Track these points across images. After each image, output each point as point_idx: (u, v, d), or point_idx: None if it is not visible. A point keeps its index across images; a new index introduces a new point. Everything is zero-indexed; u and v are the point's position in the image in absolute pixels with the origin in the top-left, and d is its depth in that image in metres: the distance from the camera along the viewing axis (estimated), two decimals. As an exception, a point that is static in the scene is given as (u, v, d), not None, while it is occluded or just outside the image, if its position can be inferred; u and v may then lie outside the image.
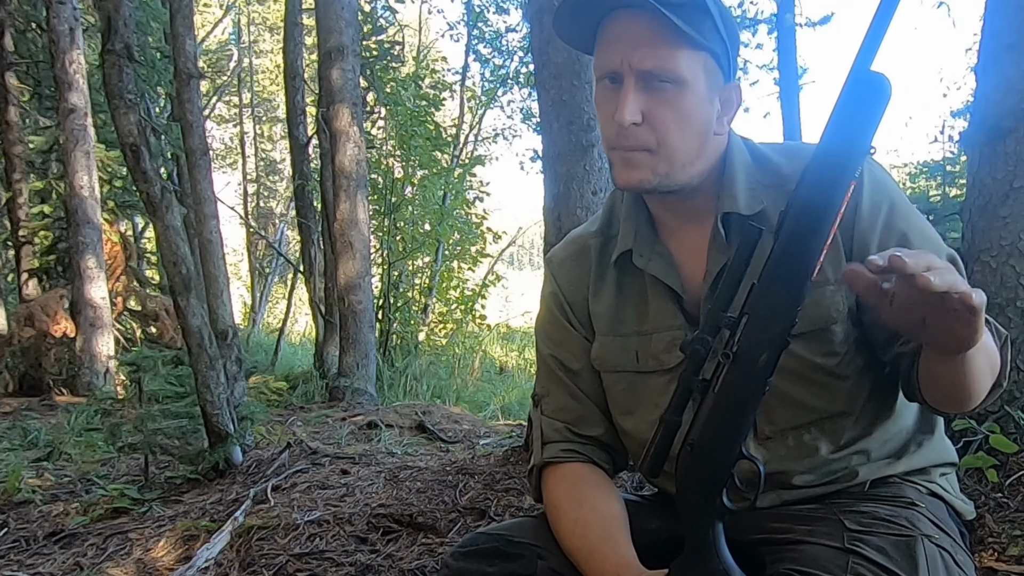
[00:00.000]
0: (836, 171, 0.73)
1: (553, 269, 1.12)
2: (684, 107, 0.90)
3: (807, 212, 0.74)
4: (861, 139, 0.73)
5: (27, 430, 4.63)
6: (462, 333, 9.65)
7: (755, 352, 0.76)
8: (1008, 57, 2.00)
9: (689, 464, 0.82)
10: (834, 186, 0.73)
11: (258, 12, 17.75)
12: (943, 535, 0.89)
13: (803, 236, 0.74)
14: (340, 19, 5.92)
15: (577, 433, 1.06)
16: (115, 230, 7.58)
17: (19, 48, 7.51)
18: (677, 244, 1.01)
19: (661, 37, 0.88)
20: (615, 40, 0.91)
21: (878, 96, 0.72)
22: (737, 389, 0.78)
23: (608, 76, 0.92)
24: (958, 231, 2.38)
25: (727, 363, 0.77)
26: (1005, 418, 1.95)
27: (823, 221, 0.73)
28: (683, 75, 0.89)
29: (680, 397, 0.83)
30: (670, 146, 0.91)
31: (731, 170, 0.97)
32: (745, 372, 0.77)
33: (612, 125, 0.92)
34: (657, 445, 0.85)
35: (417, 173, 8.59)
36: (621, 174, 0.94)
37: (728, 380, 0.78)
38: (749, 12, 7.88)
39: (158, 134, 7.40)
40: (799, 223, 0.74)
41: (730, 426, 0.79)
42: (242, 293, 15.48)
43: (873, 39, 0.71)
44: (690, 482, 0.82)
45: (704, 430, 0.80)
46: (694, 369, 0.81)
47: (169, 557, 2.31)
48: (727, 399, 0.78)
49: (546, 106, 2.92)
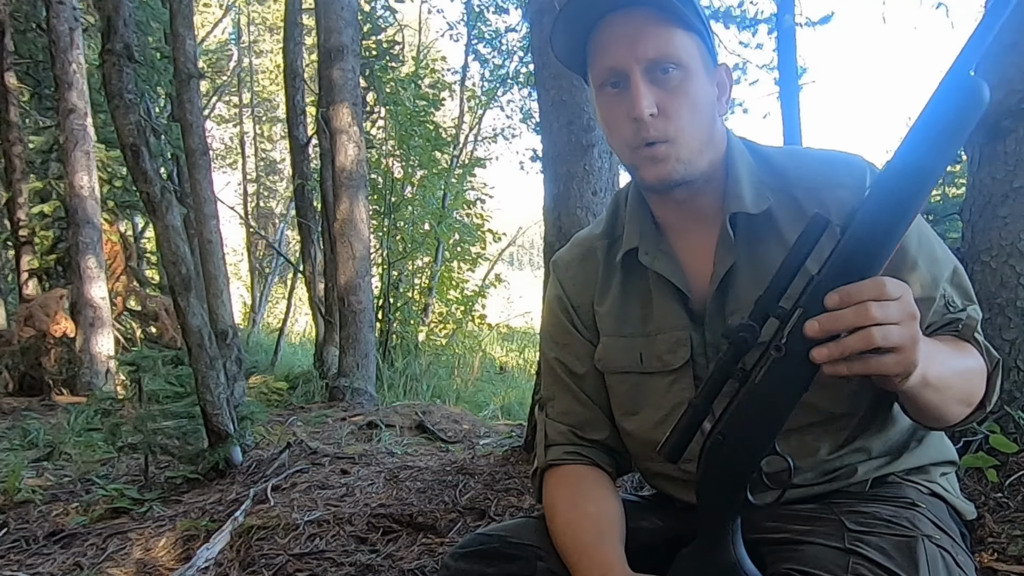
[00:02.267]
0: (919, 178, 0.72)
1: (559, 272, 1.12)
2: (692, 92, 0.92)
3: (884, 216, 0.72)
4: (950, 148, 0.71)
5: (27, 430, 4.63)
6: (462, 333, 9.65)
7: (806, 349, 0.74)
8: (1008, 57, 2.00)
9: (718, 454, 0.80)
10: (914, 194, 0.72)
11: (258, 12, 17.75)
12: (944, 536, 0.89)
13: (876, 240, 0.73)
14: (340, 19, 5.92)
15: (581, 436, 1.06)
16: (115, 230, 7.59)
17: (19, 48, 7.51)
18: (682, 245, 1.01)
19: (656, 25, 0.90)
20: (612, 41, 0.92)
21: (975, 104, 0.70)
22: (782, 384, 0.76)
23: (611, 81, 0.93)
24: (958, 231, 2.38)
25: (776, 355, 0.75)
26: (1005, 418, 1.95)
27: (897, 227, 0.72)
28: (684, 58, 0.91)
29: (715, 384, 0.80)
30: (686, 132, 0.92)
31: (734, 169, 0.97)
32: (793, 367, 0.75)
33: (628, 125, 0.92)
34: (682, 429, 0.82)
35: (417, 173, 8.59)
36: (649, 171, 0.94)
37: (773, 373, 0.76)
38: (749, 12, 7.87)
39: (158, 134, 7.40)
40: (874, 226, 0.72)
41: (767, 421, 0.77)
42: (242, 293, 15.49)
43: (978, 42, 0.69)
44: (717, 473, 0.81)
45: (739, 422, 0.79)
46: (735, 357, 0.78)
47: (169, 557, 2.31)
48: (769, 393, 0.76)
49: (546, 106, 2.92)
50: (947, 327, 0.92)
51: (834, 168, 0.95)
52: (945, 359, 0.84)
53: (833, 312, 0.72)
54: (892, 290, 0.71)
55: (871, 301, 0.71)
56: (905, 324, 0.72)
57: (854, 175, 0.93)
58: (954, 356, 0.87)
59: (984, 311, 1.97)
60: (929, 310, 0.91)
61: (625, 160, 0.97)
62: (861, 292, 0.71)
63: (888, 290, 0.71)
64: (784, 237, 0.94)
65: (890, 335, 0.71)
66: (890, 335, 0.71)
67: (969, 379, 0.87)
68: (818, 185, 0.94)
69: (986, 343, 0.91)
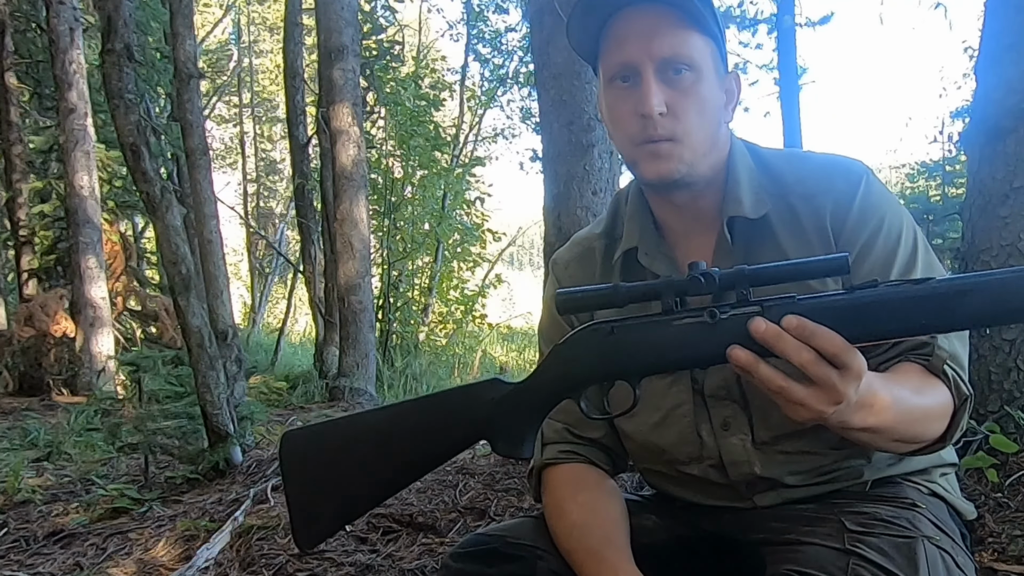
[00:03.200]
0: (962, 309, 0.71)
1: (557, 271, 1.12)
2: (702, 94, 0.91)
3: (896, 314, 0.71)
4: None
5: (27, 430, 4.63)
6: (462, 333, 9.65)
7: (733, 338, 0.74)
8: (1008, 57, 2.00)
9: (602, 345, 0.83)
10: (943, 321, 0.72)
11: (258, 12, 17.75)
12: (944, 536, 0.89)
13: (872, 321, 0.72)
14: (340, 19, 5.92)
15: (578, 435, 1.06)
16: (115, 230, 7.59)
17: (19, 48, 7.51)
18: (681, 247, 1.01)
19: (673, 25, 0.90)
20: (627, 36, 0.91)
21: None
22: (689, 343, 0.77)
23: (621, 75, 0.93)
24: (958, 231, 2.38)
25: (708, 320, 0.76)
26: (1005, 418, 1.95)
27: (904, 331, 0.73)
28: (698, 61, 0.91)
29: (647, 289, 0.81)
30: (692, 134, 0.91)
31: (735, 173, 0.97)
32: (708, 341, 0.75)
33: (635, 120, 0.92)
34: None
35: (417, 173, 8.59)
36: (650, 167, 0.93)
37: (690, 329, 0.77)
38: (749, 12, 7.87)
39: (158, 134, 7.40)
40: (884, 312, 0.71)
41: (647, 352, 0.79)
42: (242, 293, 15.48)
43: None
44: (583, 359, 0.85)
45: (632, 334, 0.81)
46: (679, 288, 0.78)
47: (169, 557, 2.31)
48: (675, 341, 0.78)
49: (546, 106, 2.92)
50: (917, 351, 0.87)
51: (831, 174, 0.94)
52: (887, 407, 0.78)
53: (782, 331, 0.71)
54: (849, 361, 0.70)
55: (818, 354, 0.70)
56: (828, 394, 0.71)
57: (850, 181, 0.93)
58: (904, 400, 0.81)
59: (984, 311, 1.97)
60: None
61: (627, 156, 0.97)
62: (819, 338, 0.70)
63: (845, 359, 0.70)
64: (779, 243, 0.93)
65: (796, 393, 0.71)
66: (796, 393, 0.71)
67: (918, 421, 0.83)
68: (814, 192, 0.94)
69: (958, 378, 0.86)
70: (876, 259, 0.90)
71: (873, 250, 0.91)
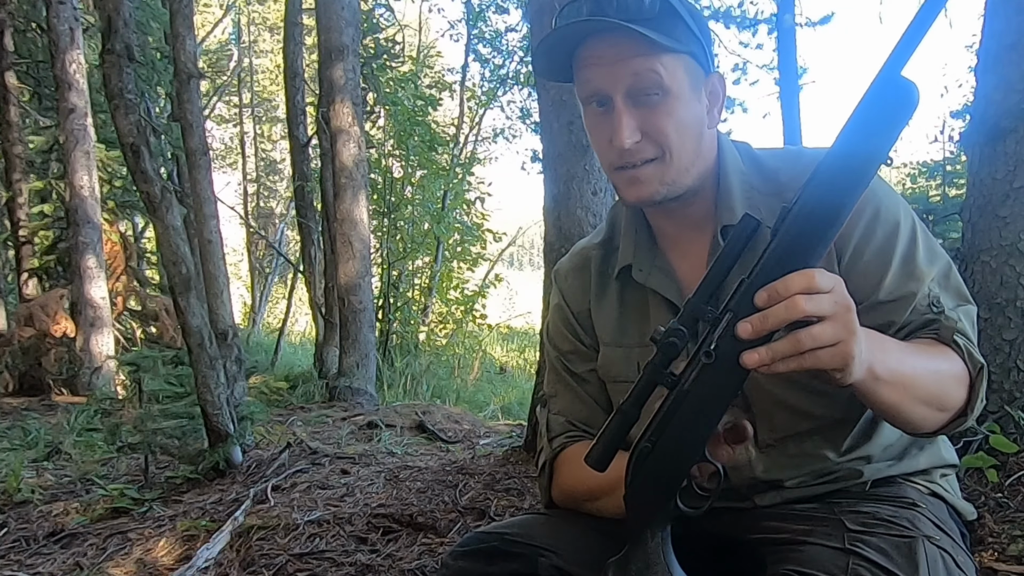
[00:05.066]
0: (850, 175, 0.70)
1: (559, 282, 1.13)
2: (677, 112, 0.90)
3: (814, 214, 0.71)
4: (881, 145, 0.70)
5: (27, 430, 4.63)
6: (462, 333, 9.65)
7: (737, 353, 0.71)
8: (1008, 57, 2.00)
9: (646, 463, 0.78)
10: (846, 190, 0.70)
11: (258, 12, 17.75)
12: (944, 536, 0.89)
13: (806, 238, 0.71)
14: (340, 19, 5.92)
15: (583, 429, 1.07)
16: (115, 230, 7.58)
17: (19, 48, 7.50)
18: (678, 255, 1.01)
19: (640, 51, 0.88)
20: (595, 63, 0.91)
21: (905, 103, 0.69)
22: (711, 390, 0.74)
23: (595, 100, 0.93)
24: (958, 231, 2.38)
25: (706, 361, 0.73)
26: (1005, 418, 1.95)
27: (830, 226, 0.71)
28: (668, 84, 0.89)
29: (643, 390, 0.77)
30: (672, 152, 0.91)
31: (725, 180, 0.97)
32: (723, 374, 0.73)
33: (611, 149, 0.92)
34: (610, 436, 0.79)
35: (417, 173, 8.59)
36: (629, 192, 0.94)
37: (703, 380, 0.74)
38: (749, 12, 7.88)
39: (158, 134, 7.40)
40: (804, 224, 0.71)
41: (697, 428, 0.75)
42: (242, 293, 15.49)
43: (909, 43, 0.68)
44: (645, 482, 0.79)
45: (668, 429, 0.76)
46: (664, 362, 0.76)
47: (169, 557, 2.31)
48: (699, 400, 0.74)
49: (546, 106, 2.92)
50: (926, 328, 0.89)
51: None
52: (903, 356, 0.81)
53: (763, 311, 0.70)
54: (822, 282, 0.69)
55: (801, 295, 0.69)
56: (838, 316, 0.70)
57: None
58: (918, 355, 0.84)
59: (984, 311, 1.97)
60: (905, 309, 0.90)
61: (609, 178, 0.98)
62: (789, 286, 0.69)
63: (818, 282, 0.69)
64: None
65: (821, 335, 0.69)
66: (821, 335, 0.69)
67: (938, 381, 0.84)
68: None
69: (969, 348, 0.87)
70: (875, 249, 0.90)
71: (872, 240, 0.90)
